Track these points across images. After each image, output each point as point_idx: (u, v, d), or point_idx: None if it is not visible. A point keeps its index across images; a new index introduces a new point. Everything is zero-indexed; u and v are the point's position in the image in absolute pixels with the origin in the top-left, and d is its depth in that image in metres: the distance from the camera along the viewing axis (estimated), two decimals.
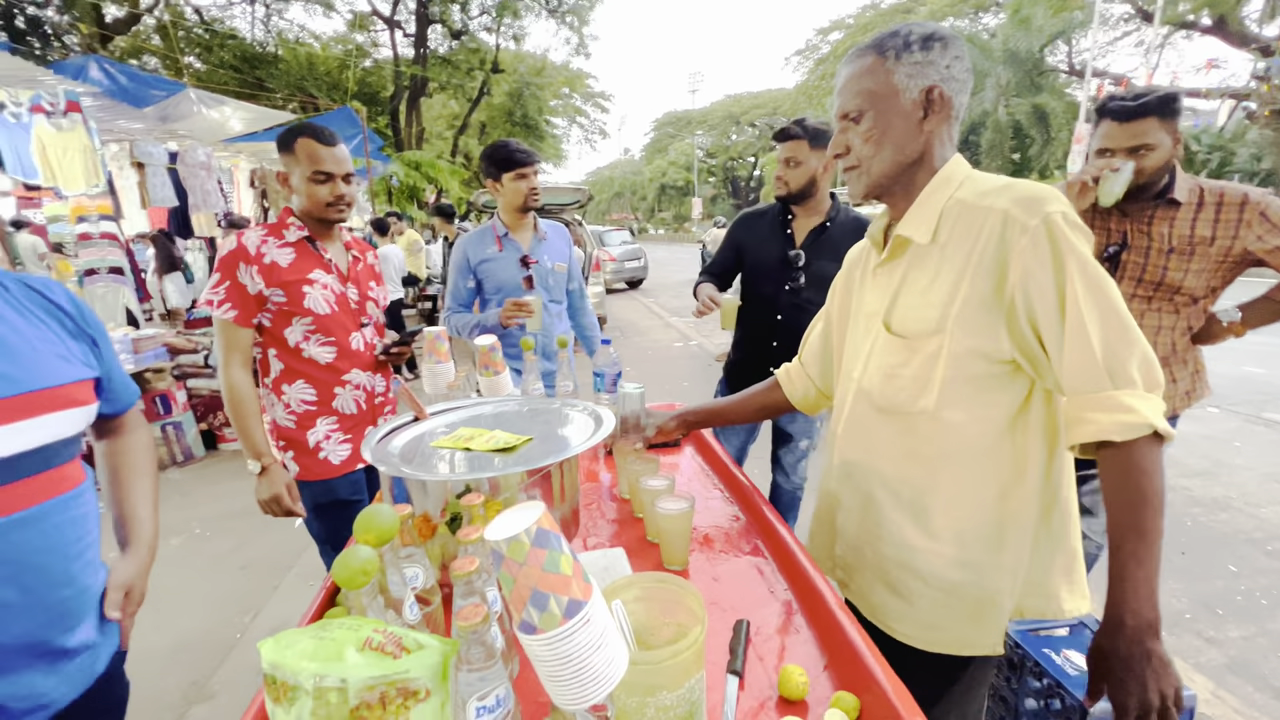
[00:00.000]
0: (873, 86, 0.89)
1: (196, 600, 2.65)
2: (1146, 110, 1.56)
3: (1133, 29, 19.04)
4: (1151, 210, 1.63)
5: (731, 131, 43.63)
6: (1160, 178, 1.60)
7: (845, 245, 1.98)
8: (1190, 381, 1.74)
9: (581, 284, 2.43)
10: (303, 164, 1.56)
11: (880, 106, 0.89)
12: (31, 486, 0.80)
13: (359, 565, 0.58)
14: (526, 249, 2.20)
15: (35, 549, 0.80)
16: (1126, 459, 0.77)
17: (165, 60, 14.43)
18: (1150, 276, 1.66)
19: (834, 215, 1.99)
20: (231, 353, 1.55)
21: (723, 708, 0.77)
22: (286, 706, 0.49)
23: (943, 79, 0.87)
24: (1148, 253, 1.65)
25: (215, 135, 7.44)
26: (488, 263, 2.17)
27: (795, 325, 1.94)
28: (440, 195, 15.41)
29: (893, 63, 0.88)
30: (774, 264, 2.02)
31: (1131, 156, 1.58)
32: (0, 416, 0.77)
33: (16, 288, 0.88)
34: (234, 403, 1.54)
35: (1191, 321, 1.69)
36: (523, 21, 19.27)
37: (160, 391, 4.05)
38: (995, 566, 0.92)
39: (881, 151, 0.91)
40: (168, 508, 3.60)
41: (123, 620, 0.94)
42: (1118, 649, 0.75)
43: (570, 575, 0.54)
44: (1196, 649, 2.12)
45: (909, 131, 0.89)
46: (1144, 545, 0.76)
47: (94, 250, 5.50)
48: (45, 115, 5.02)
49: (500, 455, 1.02)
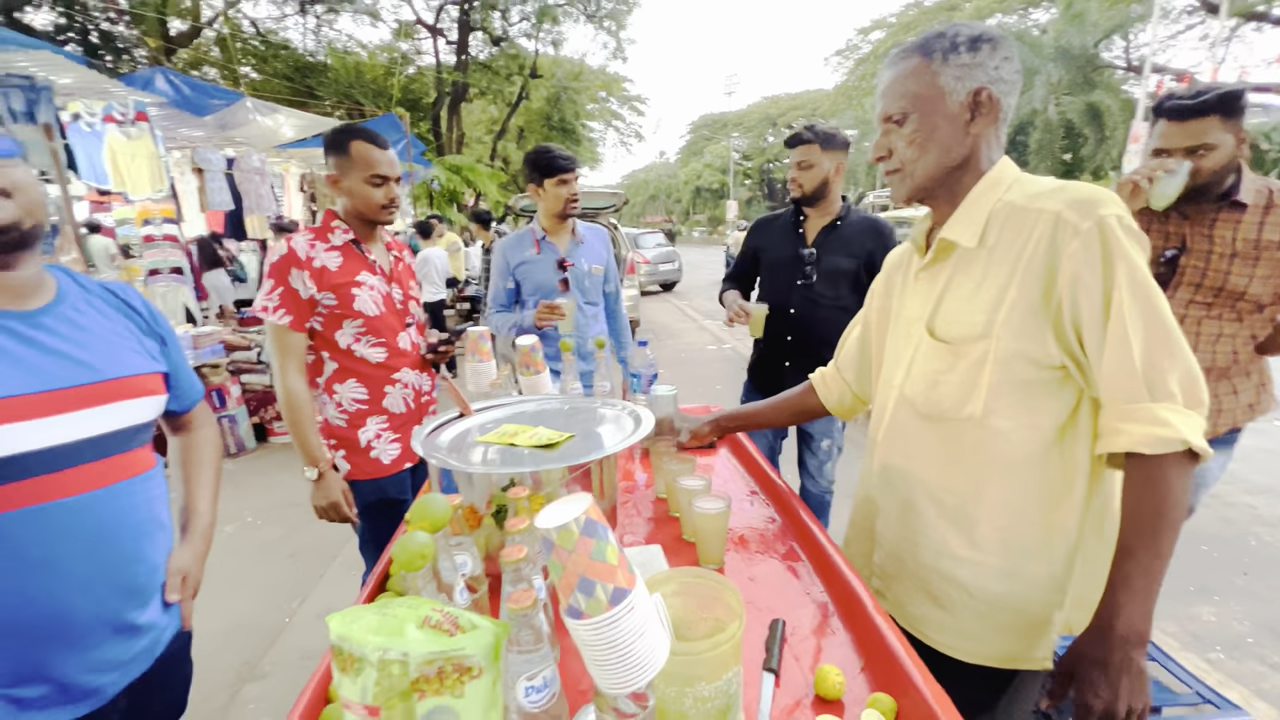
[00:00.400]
0: (918, 89, 0.87)
1: (249, 585, 2.78)
2: (1206, 109, 1.48)
3: (1197, 22, 18.10)
4: (1214, 213, 1.56)
5: (768, 133, 43.21)
6: (1222, 179, 1.52)
7: (856, 241, 2.10)
8: (1254, 394, 1.66)
9: (618, 287, 2.47)
10: (359, 166, 1.58)
11: (925, 109, 0.87)
12: (109, 466, 0.87)
13: (417, 549, 0.62)
14: (563, 252, 2.26)
15: (111, 525, 0.86)
16: (1153, 473, 0.76)
17: (223, 71, 15.15)
18: (1211, 282, 1.58)
19: (844, 214, 2.09)
20: (288, 358, 1.57)
21: (758, 704, 0.78)
22: (353, 676, 0.52)
23: (991, 80, 0.85)
24: (1208, 257, 1.57)
25: (268, 142, 7.79)
26: (525, 265, 2.24)
27: (809, 319, 2.10)
28: (479, 199, 15.74)
29: (939, 64, 0.86)
30: (787, 262, 2.12)
31: (1189, 157, 1.50)
32: (84, 400, 0.84)
33: (98, 290, 0.97)
34: (291, 409, 1.56)
35: (1256, 330, 1.60)
36: (561, 27, 19.55)
37: (216, 386, 4.26)
38: (1041, 578, 0.90)
39: (926, 155, 0.89)
40: (222, 497, 3.76)
41: (182, 603, 1.00)
42: (1100, 653, 0.76)
43: (616, 565, 0.57)
44: (1259, 675, 2.01)
45: (955, 135, 0.88)
46: (1153, 560, 0.76)
47: (157, 251, 5.82)
48: (116, 124, 5.35)
49: (542, 451, 1.06)
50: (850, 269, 2.07)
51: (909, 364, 1.00)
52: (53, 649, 0.80)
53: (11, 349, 0.80)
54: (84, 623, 0.83)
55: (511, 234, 2.32)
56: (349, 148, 1.58)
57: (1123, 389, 0.78)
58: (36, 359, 0.82)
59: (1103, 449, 0.81)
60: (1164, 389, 0.76)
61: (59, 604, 0.80)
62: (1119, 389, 0.78)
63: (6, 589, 0.77)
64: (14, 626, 0.78)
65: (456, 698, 0.54)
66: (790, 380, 2.17)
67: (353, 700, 0.53)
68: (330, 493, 1.59)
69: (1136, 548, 0.77)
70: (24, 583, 0.78)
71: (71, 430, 0.82)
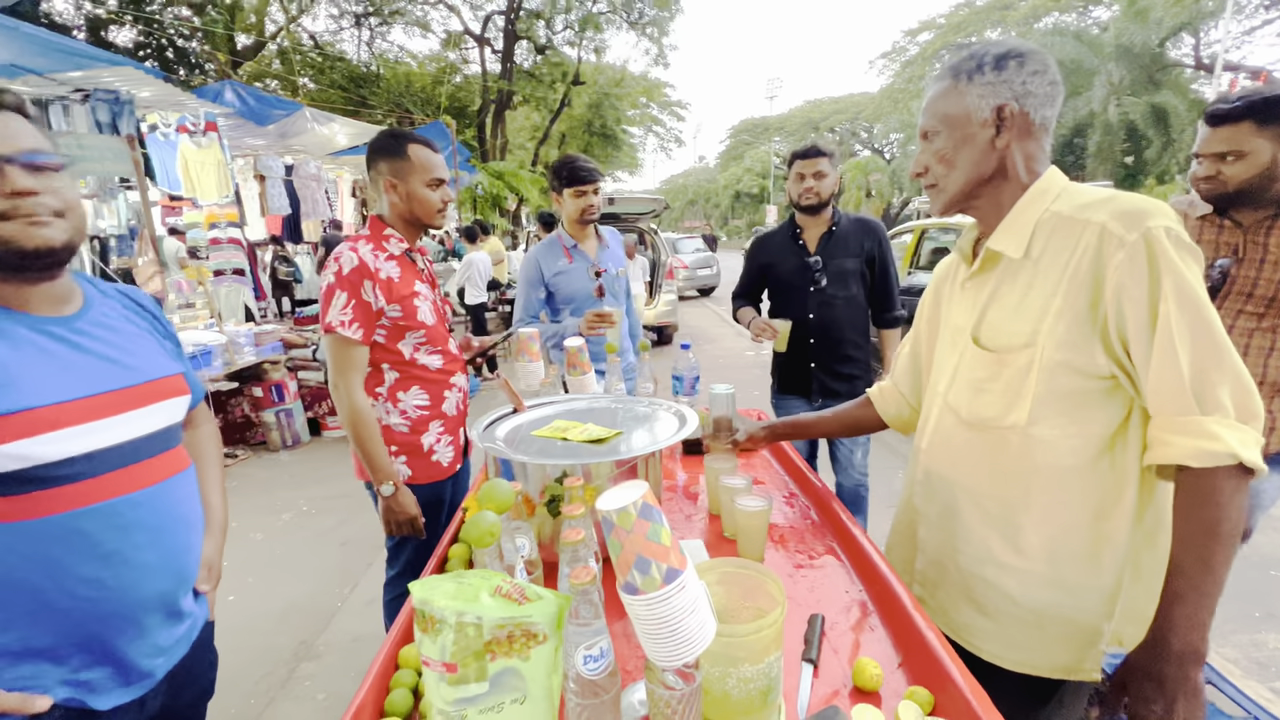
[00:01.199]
0: (946, 109, 0.93)
1: (304, 570, 2.94)
2: (1236, 115, 1.44)
3: (1275, 16, 17.06)
4: (1271, 221, 1.50)
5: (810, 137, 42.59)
6: (1263, 187, 1.46)
7: (853, 240, 2.24)
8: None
9: (628, 286, 2.51)
10: (418, 170, 1.56)
11: (952, 127, 0.92)
12: (162, 463, 0.92)
13: (487, 527, 0.68)
14: (594, 258, 2.30)
15: (169, 518, 0.91)
16: (1203, 487, 0.76)
17: (283, 82, 15.95)
18: (1262, 292, 1.52)
19: (837, 220, 2.27)
20: (353, 373, 1.51)
21: (798, 692, 0.82)
22: (433, 636, 0.59)
23: (1017, 96, 0.88)
24: (1261, 266, 1.51)
25: (324, 149, 8.17)
26: (561, 275, 2.26)
27: (826, 321, 2.26)
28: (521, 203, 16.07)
29: (965, 85, 0.90)
30: (796, 272, 2.27)
31: (1219, 163, 1.48)
32: (136, 401, 0.90)
33: (114, 294, 1.01)
34: (358, 426, 1.50)
35: None
36: (604, 34, 19.82)
37: (275, 381, 4.50)
38: (1089, 589, 0.90)
39: (954, 171, 0.94)
40: (278, 485, 4.00)
41: (209, 593, 1.05)
42: (1156, 669, 0.77)
43: (669, 546, 0.62)
44: None
45: (981, 150, 0.91)
46: (1207, 577, 0.75)
47: (222, 254, 6.19)
48: (189, 134, 5.72)
49: (593, 445, 1.12)
50: (855, 267, 2.25)
51: (954, 372, 1.01)
52: (121, 634, 0.86)
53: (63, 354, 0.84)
54: (148, 609, 0.89)
55: (539, 243, 2.35)
56: (406, 151, 1.56)
57: (1171, 401, 0.78)
58: (87, 363, 0.86)
59: (1150, 460, 0.82)
60: (1214, 401, 0.76)
61: (130, 592, 0.86)
62: (1167, 401, 0.78)
63: (86, 578, 0.82)
64: (92, 613, 0.83)
65: (524, 660, 0.60)
66: (816, 380, 2.32)
67: (432, 657, 0.59)
68: (407, 506, 1.56)
69: (1187, 564, 0.77)
70: (101, 572, 0.83)
71: (130, 429, 0.88)
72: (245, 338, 4.27)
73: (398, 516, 1.56)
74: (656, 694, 0.64)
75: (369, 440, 1.51)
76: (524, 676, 0.60)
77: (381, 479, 1.53)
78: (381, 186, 1.58)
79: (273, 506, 3.64)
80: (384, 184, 1.58)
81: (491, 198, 14.43)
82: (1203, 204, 1.62)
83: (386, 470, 1.53)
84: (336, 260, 1.50)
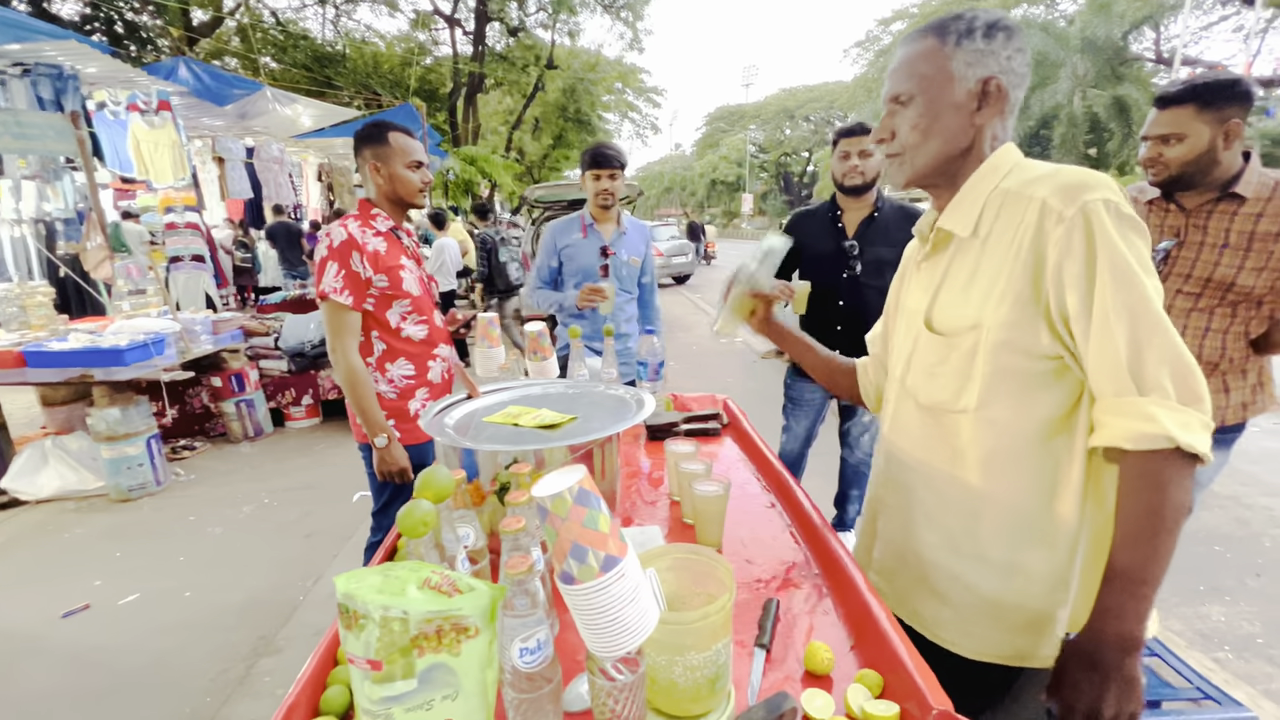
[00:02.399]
0: (927, 71, 0.85)
1: (265, 563, 2.86)
2: (1181, 98, 1.48)
3: (1231, 13, 17.57)
4: (1212, 205, 1.54)
5: (785, 126, 42.78)
6: (1201, 170, 1.51)
7: (894, 231, 2.15)
8: (1249, 393, 1.61)
9: (654, 279, 2.61)
10: (399, 154, 1.73)
11: (932, 93, 0.85)
12: None
13: (420, 516, 0.65)
14: (607, 240, 2.41)
15: None
16: (1141, 470, 0.74)
17: (244, 60, 15.33)
18: (1199, 272, 1.56)
19: (880, 205, 2.17)
20: (347, 337, 1.69)
21: (749, 677, 0.81)
22: (357, 633, 0.56)
23: (1002, 70, 0.83)
24: (1200, 248, 1.55)
25: (287, 131, 7.89)
26: (570, 247, 2.40)
27: (857, 309, 2.17)
28: (494, 189, 15.79)
29: (952, 48, 0.83)
30: (831, 256, 2.20)
31: (1162, 145, 1.52)
32: None
33: None
34: (355, 384, 1.68)
35: (1251, 327, 1.57)
36: (578, 17, 19.47)
37: (235, 371, 4.35)
38: (1044, 575, 0.88)
39: (928, 142, 0.87)
40: (238, 478, 3.88)
41: None
42: (1092, 655, 0.75)
43: (607, 533, 0.59)
44: (1267, 675, 2.00)
45: (959, 123, 0.86)
46: (1145, 563, 0.73)
47: (179, 239, 5.94)
48: (140, 113, 5.46)
49: (545, 431, 1.09)
50: (892, 259, 2.09)
51: (909, 357, 0.99)
52: None
53: None
54: None
55: (561, 219, 2.48)
56: (388, 138, 1.73)
57: (1110, 382, 0.75)
58: None
59: (1092, 443, 0.79)
60: (1152, 381, 0.73)
61: None
62: (1106, 382, 0.76)
63: None
64: None
65: (454, 655, 0.57)
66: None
67: (356, 654, 0.56)
68: (399, 458, 1.74)
69: (1126, 548, 0.74)
70: None
71: None
72: (202, 325, 4.11)
73: (389, 466, 1.75)
74: (597, 684, 0.62)
75: (364, 397, 1.69)
76: (455, 672, 0.57)
77: (375, 431, 1.71)
78: (368, 171, 1.76)
79: (232, 499, 3.53)
80: (369, 168, 1.75)
81: (464, 183, 14.15)
82: (1151, 189, 1.65)
83: (380, 424, 1.71)
84: (328, 235, 1.67)
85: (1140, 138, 1.60)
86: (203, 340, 4.08)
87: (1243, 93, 1.46)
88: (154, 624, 2.44)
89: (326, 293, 1.66)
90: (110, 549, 3.04)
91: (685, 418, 1.77)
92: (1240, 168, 1.52)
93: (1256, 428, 4.09)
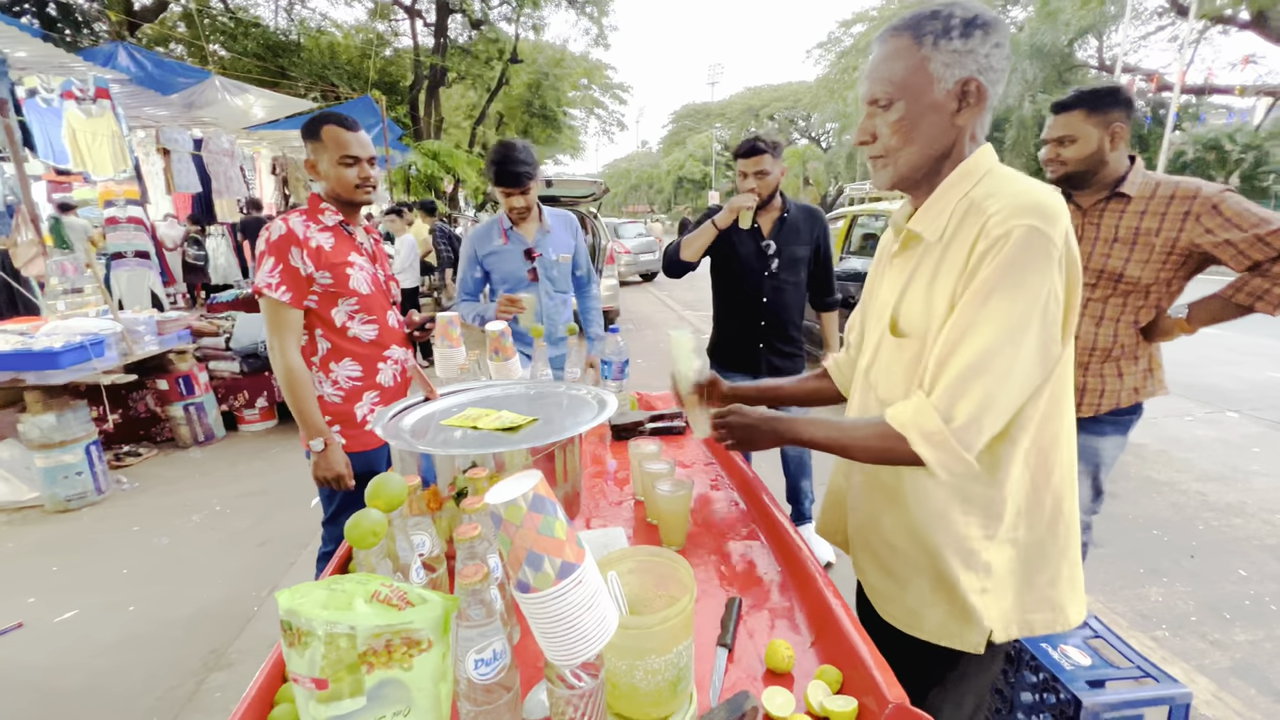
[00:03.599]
0: (905, 74, 0.83)
1: (216, 574, 2.74)
2: (1072, 104, 1.68)
3: (1167, 24, 18.51)
4: (1104, 204, 1.72)
5: (750, 124, 43.19)
6: (1091, 169, 1.69)
7: (804, 229, 2.32)
8: (1140, 379, 1.77)
9: (590, 270, 2.45)
10: (330, 149, 1.64)
11: (912, 96, 0.83)
12: None
13: (369, 526, 0.62)
14: (531, 242, 2.25)
15: None
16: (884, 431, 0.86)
17: (190, 48, 14.64)
18: (1094, 265, 1.72)
19: (788, 208, 2.34)
20: (286, 334, 1.60)
21: (711, 677, 0.81)
22: (300, 650, 0.53)
23: (981, 69, 0.81)
24: (1095, 243, 1.73)
25: (238, 123, 7.56)
26: (493, 255, 2.24)
27: (777, 304, 2.35)
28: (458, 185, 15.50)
29: (929, 49, 0.81)
30: (752, 257, 2.32)
31: (1059, 147, 1.71)
32: None
33: None
34: (293, 384, 1.59)
35: (1140, 315, 1.73)
36: (542, 12, 19.23)
37: (183, 373, 4.16)
38: (958, 559, 0.90)
39: (910, 145, 0.86)
40: (187, 485, 3.71)
41: None
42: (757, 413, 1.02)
43: (564, 539, 0.58)
44: (1200, 651, 2.11)
45: (941, 125, 0.84)
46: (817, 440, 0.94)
47: (121, 234, 5.63)
48: (75, 101, 5.13)
49: (505, 434, 1.06)
50: (805, 255, 2.34)
51: (875, 349, 1.00)
52: None
53: None
54: None
55: (481, 223, 2.33)
56: (320, 132, 1.64)
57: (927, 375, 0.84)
58: None
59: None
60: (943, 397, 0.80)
61: None
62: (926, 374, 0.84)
63: None
64: None
65: (405, 670, 0.55)
66: (765, 360, 2.38)
67: (300, 673, 0.53)
68: (335, 464, 1.65)
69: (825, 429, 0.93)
70: None
71: None
72: (145, 325, 3.91)
73: (324, 472, 1.65)
74: (556, 693, 0.61)
75: (302, 398, 1.60)
76: (407, 687, 0.55)
77: (312, 434, 1.62)
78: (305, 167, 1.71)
79: (181, 507, 3.38)
80: (306, 165, 1.69)
81: (426, 178, 13.84)
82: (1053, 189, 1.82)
83: (317, 426, 1.62)
84: (268, 229, 1.60)
85: (1039, 141, 1.78)
86: (147, 341, 3.89)
87: (1124, 99, 1.65)
88: (94, 641, 2.31)
89: (261, 288, 1.58)
90: (46, 563, 2.87)
91: (650, 416, 1.77)
92: (1127, 169, 1.69)
93: (1191, 417, 4.33)
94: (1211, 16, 15.72)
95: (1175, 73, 15.01)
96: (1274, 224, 1.53)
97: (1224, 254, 1.59)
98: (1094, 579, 2.54)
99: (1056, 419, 0.87)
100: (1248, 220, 1.55)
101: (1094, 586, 2.49)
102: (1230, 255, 1.58)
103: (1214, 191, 1.60)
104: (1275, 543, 2.76)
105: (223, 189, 7.44)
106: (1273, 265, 1.55)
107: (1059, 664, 1.52)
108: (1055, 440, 0.88)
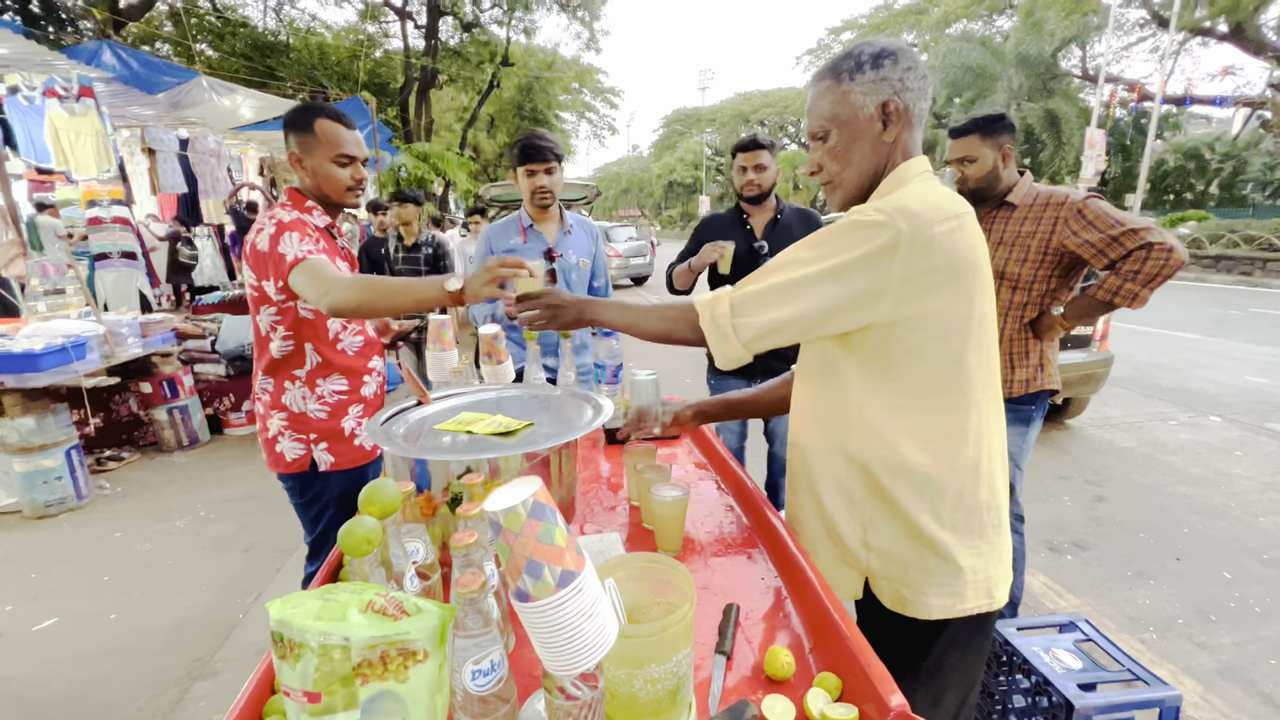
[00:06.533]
0: (833, 108, 0.95)
1: (200, 581, 2.69)
2: (968, 129, 1.92)
3: (1148, 35, 18.88)
4: (994, 212, 1.96)
5: (741, 130, 43.44)
6: (989, 185, 1.93)
7: (797, 230, 2.32)
8: (1032, 372, 1.97)
9: (608, 283, 2.39)
10: (324, 145, 1.52)
11: (842, 125, 0.96)
12: None
13: (363, 534, 0.61)
14: (551, 242, 2.19)
15: None
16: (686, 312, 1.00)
17: (177, 47, 14.48)
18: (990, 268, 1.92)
19: (781, 209, 2.37)
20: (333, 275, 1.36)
21: (710, 686, 0.80)
22: (293, 663, 0.51)
23: (897, 91, 0.93)
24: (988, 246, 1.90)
25: (225, 123, 7.47)
26: (511, 253, 2.15)
27: None
28: (449, 187, 15.44)
29: (848, 83, 0.94)
30: (743, 256, 2.32)
31: (960, 167, 1.94)
32: None
33: None
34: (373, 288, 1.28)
35: (1026, 312, 1.93)
36: (534, 15, 19.27)
37: (167, 376, 4.10)
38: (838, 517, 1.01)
39: (848, 167, 0.98)
40: (171, 490, 3.65)
41: None
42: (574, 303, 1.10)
43: (564, 547, 0.57)
44: (1187, 653, 2.14)
45: (872, 144, 0.95)
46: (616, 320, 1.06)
47: (105, 235, 5.54)
48: (58, 99, 5.05)
49: (500, 439, 1.05)
50: None
51: None
52: None
53: None
54: None
55: (497, 221, 2.30)
56: (314, 125, 1.51)
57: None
58: None
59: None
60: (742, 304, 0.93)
61: None
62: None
63: None
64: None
65: (400, 682, 0.54)
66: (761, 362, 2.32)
67: (292, 686, 0.52)
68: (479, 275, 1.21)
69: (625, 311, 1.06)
70: None
71: None
72: (129, 327, 3.84)
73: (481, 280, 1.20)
74: (555, 704, 0.60)
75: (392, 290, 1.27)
76: (403, 699, 0.54)
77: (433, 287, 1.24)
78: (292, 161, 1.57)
79: (164, 513, 3.32)
80: (291, 159, 1.56)
81: (416, 180, 13.76)
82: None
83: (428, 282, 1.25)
84: (272, 219, 1.47)
85: (943, 163, 1.98)
86: (130, 343, 3.82)
87: (1009, 124, 1.91)
88: (74, 651, 2.26)
89: (301, 256, 1.38)
90: (24, 570, 2.81)
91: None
92: (1015, 182, 1.94)
93: (1174, 421, 4.39)
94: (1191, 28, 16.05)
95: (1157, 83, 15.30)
96: (1128, 225, 1.70)
97: (1086, 253, 1.78)
98: (1083, 581, 2.56)
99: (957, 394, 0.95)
100: (1105, 222, 1.73)
101: (1083, 589, 2.51)
102: (1091, 254, 1.77)
103: (1079, 197, 1.80)
104: (1258, 545, 2.80)
105: (209, 189, 7.34)
106: (1123, 263, 1.72)
107: (1050, 667, 1.53)
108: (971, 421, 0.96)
